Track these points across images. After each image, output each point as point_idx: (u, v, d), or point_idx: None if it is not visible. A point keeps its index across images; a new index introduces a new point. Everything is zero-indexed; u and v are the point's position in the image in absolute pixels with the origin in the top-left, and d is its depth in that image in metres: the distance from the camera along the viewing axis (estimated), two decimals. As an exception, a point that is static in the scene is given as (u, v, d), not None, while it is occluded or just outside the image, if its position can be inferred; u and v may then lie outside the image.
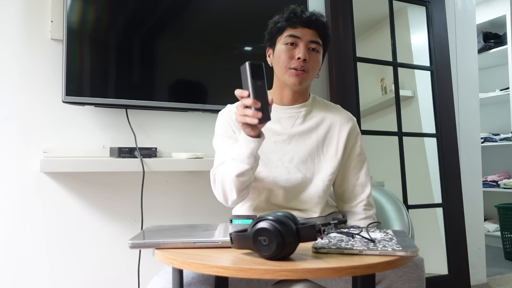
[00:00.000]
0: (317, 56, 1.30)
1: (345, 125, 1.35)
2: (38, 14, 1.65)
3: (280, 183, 1.29)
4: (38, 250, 1.63)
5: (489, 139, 3.88)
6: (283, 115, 1.34)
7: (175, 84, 1.81)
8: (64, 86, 1.57)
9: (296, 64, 1.26)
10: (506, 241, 3.38)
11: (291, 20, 1.28)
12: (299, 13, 1.29)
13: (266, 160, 1.30)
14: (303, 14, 1.28)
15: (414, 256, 0.81)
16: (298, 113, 1.34)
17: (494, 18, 3.84)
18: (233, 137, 1.31)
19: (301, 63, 1.26)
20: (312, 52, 1.29)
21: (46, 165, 1.54)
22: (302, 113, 1.34)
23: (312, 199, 1.29)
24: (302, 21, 1.27)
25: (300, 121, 1.34)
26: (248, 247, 0.79)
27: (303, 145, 1.31)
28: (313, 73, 1.31)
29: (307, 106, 1.36)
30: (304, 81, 1.29)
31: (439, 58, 2.45)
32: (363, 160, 1.37)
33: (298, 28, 1.28)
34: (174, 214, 1.85)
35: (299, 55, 1.26)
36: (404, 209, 1.47)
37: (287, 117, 1.34)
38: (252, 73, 1.02)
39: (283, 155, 1.30)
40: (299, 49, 1.26)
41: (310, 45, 1.28)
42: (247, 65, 1.02)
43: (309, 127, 1.33)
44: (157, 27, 1.76)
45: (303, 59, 1.25)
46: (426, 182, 2.49)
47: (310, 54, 1.28)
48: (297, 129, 1.33)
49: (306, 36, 1.27)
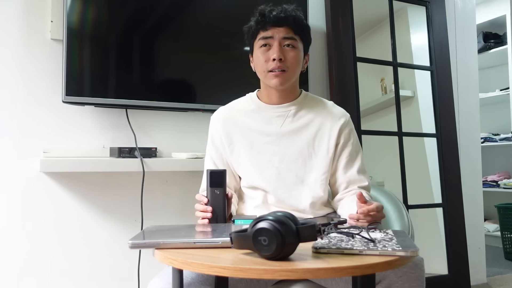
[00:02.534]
0: (294, 52, 1.27)
1: (337, 121, 1.32)
2: (38, 14, 1.65)
3: (272, 184, 1.29)
4: (38, 250, 1.63)
5: (489, 139, 3.88)
6: (273, 114, 1.33)
7: (175, 84, 1.81)
8: (64, 86, 1.57)
9: (273, 66, 1.25)
10: (506, 241, 3.38)
11: (261, 23, 1.27)
12: (267, 13, 1.26)
13: (256, 162, 1.31)
14: (271, 13, 1.26)
15: (414, 256, 0.81)
16: (287, 112, 1.33)
17: (494, 18, 3.84)
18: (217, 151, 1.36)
19: (277, 63, 1.24)
20: (288, 49, 1.26)
21: (46, 165, 1.54)
22: (291, 111, 1.33)
23: (305, 199, 1.28)
24: (272, 21, 1.25)
25: (290, 120, 1.32)
26: (248, 247, 0.79)
27: (293, 145, 1.30)
28: (294, 70, 1.29)
29: (297, 104, 1.34)
30: (286, 81, 1.27)
31: (439, 58, 2.45)
32: (356, 157, 1.33)
33: (269, 29, 1.26)
34: (174, 214, 1.85)
35: (273, 55, 1.24)
36: (404, 209, 1.47)
37: (276, 116, 1.33)
38: (211, 181, 1.10)
39: (273, 156, 1.30)
40: (273, 50, 1.25)
41: (284, 42, 1.26)
42: (208, 172, 1.11)
43: (299, 125, 1.32)
44: (157, 27, 1.76)
45: (279, 59, 1.24)
46: (426, 182, 2.49)
47: (286, 52, 1.26)
48: (287, 128, 1.31)
49: (278, 34, 1.25)
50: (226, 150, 1.34)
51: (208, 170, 1.12)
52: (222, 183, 1.11)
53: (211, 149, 1.39)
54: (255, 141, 1.32)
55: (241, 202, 1.37)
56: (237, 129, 1.34)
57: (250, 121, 1.34)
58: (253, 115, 1.34)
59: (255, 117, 1.34)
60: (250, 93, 1.41)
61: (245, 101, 1.39)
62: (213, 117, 1.40)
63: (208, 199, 1.11)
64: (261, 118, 1.33)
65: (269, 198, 1.30)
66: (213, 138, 1.38)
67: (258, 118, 1.34)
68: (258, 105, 1.35)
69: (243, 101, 1.40)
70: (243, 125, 1.34)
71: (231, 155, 1.34)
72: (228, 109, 1.40)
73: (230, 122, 1.35)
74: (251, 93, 1.41)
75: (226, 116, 1.37)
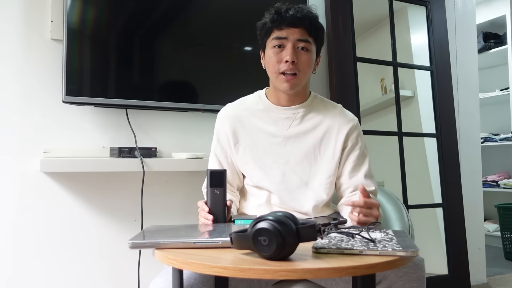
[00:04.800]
0: (307, 55, 1.25)
1: (344, 126, 1.31)
2: (38, 14, 1.65)
3: (275, 185, 1.28)
4: (38, 250, 1.63)
5: (489, 139, 3.88)
6: (280, 116, 1.32)
7: (175, 84, 1.81)
8: (64, 86, 1.56)
9: (285, 68, 1.23)
10: (506, 241, 3.38)
11: (276, 21, 1.24)
12: (283, 12, 1.23)
13: (261, 163, 1.30)
14: (288, 12, 1.23)
15: (414, 256, 0.81)
16: (295, 114, 1.31)
17: (494, 18, 3.84)
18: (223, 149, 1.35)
19: (290, 65, 1.22)
20: (302, 52, 1.24)
21: (46, 165, 1.54)
22: (299, 114, 1.31)
23: (308, 202, 1.27)
24: (287, 21, 1.22)
25: (298, 122, 1.31)
26: (248, 247, 0.79)
27: (299, 147, 1.29)
28: (305, 74, 1.27)
29: (305, 107, 1.32)
30: (296, 85, 1.26)
31: (439, 58, 2.45)
32: (363, 162, 1.31)
33: (284, 29, 1.23)
34: (174, 214, 1.85)
35: (286, 57, 1.22)
36: (404, 209, 1.47)
37: (284, 118, 1.31)
38: (211, 181, 1.10)
39: (279, 158, 1.29)
40: (286, 51, 1.23)
41: (298, 44, 1.24)
42: (208, 172, 1.11)
43: (306, 128, 1.30)
44: (157, 27, 1.76)
45: (292, 61, 1.22)
46: (426, 182, 2.49)
47: (299, 54, 1.24)
48: (294, 131, 1.30)
49: (293, 36, 1.23)
50: (232, 149, 1.33)
51: (208, 170, 1.12)
52: (222, 183, 1.11)
53: (216, 146, 1.37)
54: (262, 141, 1.31)
55: (244, 200, 1.36)
56: (243, 129, 1.33)
57: (257, 121, 1.32)
58: (260, 115, 1.33)
59: (263, 117, 1.32)
60: (258, 91, 1.39)
61: (253, 100, 1.37)
62: (220, 114, 1.38)
63: (208, 200, 1.11)
64: (268, 119, 1.32)
65: (272, 198, 1.29)
66: (219, 135, 1.36)
67: (266, 119, 1.32)
68: (267, 105, 1.34)
69: (251, 99, 1.38)
70: (250, 125, 1.33)
71: (236, 154, 1.33)
72: (236, 107, 1.37)
73: (237, 121, 1.33)
74: (259, 92, 1.39)
75: (233, 114, 1.35)
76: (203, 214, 1.11)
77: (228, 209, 1.15)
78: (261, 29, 1.30)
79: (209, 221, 1.09)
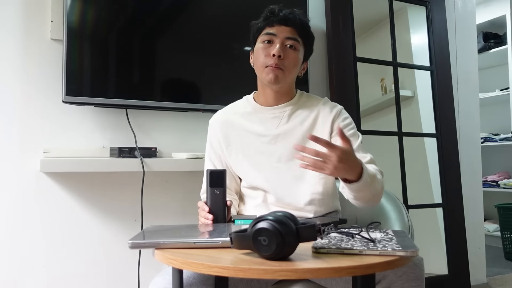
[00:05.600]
0: (294, 54, 1.28)
1: (328, 114, 1.32)
2: (38, 14, 1.65)
3: (270, 183, 1.29)
4: (38, 250, 1.63)
5: (489, 139, 3.88)
6: (268, 116, 1.34)
7: (175, 84, 1.81)
8: (64, 86, 1.57)
9: (272, 62, 1.25)
10: (506, 241, 3.38)
11: (269, 19, 1.29)
12: (276, 11, 1.29)
13: (254, 162, 1.32)
14: (281, 11, 1.28)
15: (414, 256, 0.81)
16: (282, 113, 1.34)
17: (494, 18, 3.84)
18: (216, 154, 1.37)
19: (276, 60, 1.25)
20: (289, 50, 1.27)
21: (46, 165, 1.54)
22: (287, 112, 1.34)
23: (304, 196, 1.28)
24: (279, 19, 1.27)
25: (285, 120, 1.33)
26: (248, 247, 0.79)
27: (289, 143, 1.30)
28: (291, 71, 1.29)
29: (292, 105, 1.35)
30: (281, 78, 1.27)
31: (439, 58, 2.45)
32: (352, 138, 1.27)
33: (274, 26, 1.28)
34: (174, 214, 1.85)
35: (273, 51, 1.25)
36: (404, 209, 1.47)
37: (271, 117, 1.34)
38: (211, 181, 1.11)
39: (271, 156, 1.31)
40: (274, 46, 1.26)
41: (286, 42, 1.27)
42: (208, 172, 1.11)
43: (294, 125, 1.32)
44: (157, 27, 1.76)
45: (278, 56, 1.24)
46: (426, 182, 2.49)
47: (286, 52, 1.27)
48: (282, 129, 1.32)
49: (283, 33, 1.27)
50: (224, 152, 1.37)
51: (208, 170, 1.13)
52: (222, 183, 1.11)
53: (210, 152, 1.41)
54: (252, 142, 1.33)
55: (242, 203, 1.38)
56: (234, 132, 1.36)
57: (246, 123, 1.36)
58: (249, 117, 1.36)
59: (251, 119, 1.36)
60: (246, 96, 1.43)
61: (241, 104, 1.42)
62: (211, 121, 1.43)
63: (208, 200, 1.12)
64: (256, 120, 1.35)
65: (268, 197, 1.30)
66: (211, 141, 1.41)
67: (254, 120, 1.35)
68: (254, 107, 1.37)
69: (240, 103, 1.43)
70: (240, 127, 1.36)
71: (229, 157, 1.36)
72: (225, 112, 1.42)
73: (227, 125, 1.37)
74: (247, 96, 1.43)
75: (223, 119, 1.39)
76: (203, 214, 1.12)
77: (228, 209, 1.15)
78: (253, 28, 1.34)
79: (209, 221, 1.10)
